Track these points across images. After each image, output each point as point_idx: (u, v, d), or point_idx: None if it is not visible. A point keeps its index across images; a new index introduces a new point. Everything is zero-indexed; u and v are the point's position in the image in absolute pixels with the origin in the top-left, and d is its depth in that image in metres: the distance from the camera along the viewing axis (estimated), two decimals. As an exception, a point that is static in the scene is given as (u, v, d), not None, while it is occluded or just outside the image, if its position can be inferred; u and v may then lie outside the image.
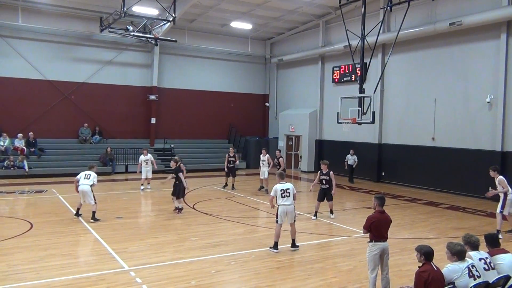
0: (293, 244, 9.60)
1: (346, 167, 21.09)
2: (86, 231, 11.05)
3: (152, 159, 18.29)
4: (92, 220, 11.88)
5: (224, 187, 18.51)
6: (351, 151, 21.09)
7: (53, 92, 23.28)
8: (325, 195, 12.93)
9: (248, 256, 9.19)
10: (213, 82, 27.94)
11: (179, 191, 13.28)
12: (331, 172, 12.81)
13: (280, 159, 17.57)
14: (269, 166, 17.79)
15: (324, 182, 12.88)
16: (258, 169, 18.40)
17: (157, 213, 13.78)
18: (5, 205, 14.55)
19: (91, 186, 12.05)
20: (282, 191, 9.40)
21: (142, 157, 18.00)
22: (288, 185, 9.53)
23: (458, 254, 5.69)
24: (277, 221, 9.47)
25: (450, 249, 5.75)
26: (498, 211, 11.28)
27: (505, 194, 11.21)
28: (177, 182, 13.30)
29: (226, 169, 18.47)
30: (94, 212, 12.06)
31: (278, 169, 16.42)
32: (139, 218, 12.96)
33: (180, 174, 13.30)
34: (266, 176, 17.76)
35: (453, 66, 18.19)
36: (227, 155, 18.45)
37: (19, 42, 22.37)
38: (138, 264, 8.44)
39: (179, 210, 13.28)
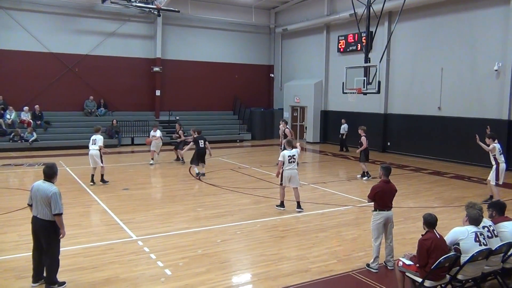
0: (298, 206, 10.40)
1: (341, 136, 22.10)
2: (94, 202, 11.23)
3: (160, 135, 17.55)
4: (101, 182, 13.11)
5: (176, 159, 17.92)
6: (342, 120, 21.80)
7: (57, 64, 23.20)
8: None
9: (253, 225, 9.32)
10: (217, 53, 27.66)
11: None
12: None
13: (286, 130, 16.79)
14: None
15: None
16: (264, 141, 18.29)
17: (163, 184, 13.93)
18: (14, 177, 14.76)
19: (99, 150, 13.01)
20: (290, 157, 10.23)
21: (152, 133, 17.75)
22: (294, 151, 10.40)
23: (472, 219, 5.78)
24: (281, 184, 10.38)
25: (468, 213, 5.85)
26: (493, 183, 11.27)
27: (497, 164, 11.21)
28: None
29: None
30: (102, 175, 13.23)
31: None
32: (146, 189, 13.11)
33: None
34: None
35: (460, 33, 17.86)
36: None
37: (20, 14, 22.14)
38: (146, 234, 8.60)
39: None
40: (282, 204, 10.57)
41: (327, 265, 7.17)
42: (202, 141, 14.58)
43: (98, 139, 13.07)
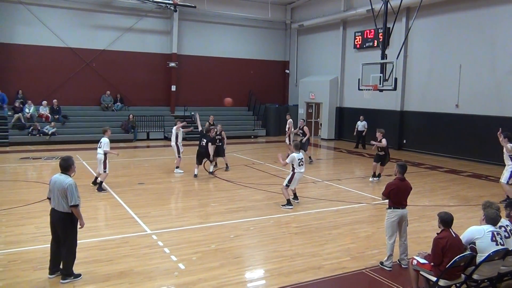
0: (296, 197, 10.83)
1: (355, 133, 21.81)
2: (110, 196, 11.36)
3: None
4: (97, 190, 11.65)
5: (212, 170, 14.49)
6: (361, 117, 21.58)
7: (74, 59, 23.49)
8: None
9: (267, 221, 9.34)
10: (233, 48, 27.67)
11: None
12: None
13: (305, 128, 16.79)
14: (286, 134, 18.01)
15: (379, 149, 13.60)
16: (278, 137, 18.30)
17: (178, 179, 14.00)
18: (33, 171, 15.04)
19: (104, 154, 11.61)
20: (299, 160, 10.38)
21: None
22: (301, 155, 10.54)
23: (489, 219, 5.71)
24: (288, 186, 10.42)
25: (485, 213, 5.78)
26: (504, 181, 11.04)
27: None
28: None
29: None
30: (101, 182, 11.78)
31: (302, 139, 16.11)
32: (161, 184, 13.20)
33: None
34: (288, 143, 17.91)
35: (480, 30, 17.53)
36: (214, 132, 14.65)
37: (40, 9, 22.45)
38: (160, 228, 8.69)
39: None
40: (289, 202, 10.43)
41: (340, 262, 7.15)
42: (205, 140, 13.74)
43: (104, 143, 11.67)
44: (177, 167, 14.67)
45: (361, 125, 21.54)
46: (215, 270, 6.72)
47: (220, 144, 14.81)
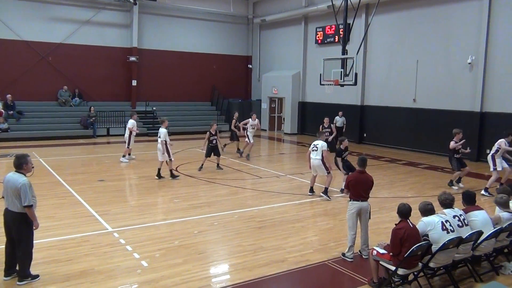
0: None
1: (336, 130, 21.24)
2: (69, 193, 11.04)
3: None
4: (171, 177, 12.75)
5: (200, 169, 14.32)
6: (339, 112, 20.92)
7: (29, 53, 22.56)
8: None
9: (231, 216, 9.34)
10: (194, 43, 27.37)
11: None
12: None
13: (332, 125, 17.46)
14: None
15: None
16: (242, 132, 18.08)
17: (139, 176, 13.78)
18: (-15, 169, 14.39)
19: (165, 143, 12.63)
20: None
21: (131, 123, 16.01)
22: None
23: (423, 211, 6.06)
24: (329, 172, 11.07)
25: (419, 208, 6.11)
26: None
27: None
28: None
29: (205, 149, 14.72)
30: (170, 170, 12.85)
31: (330, 135, 16.31)
32: (122, 181, 12.95)
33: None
34: (253, 141, 17.51)
35: (436, 26, 18.14)
36: (208, 133, 14.71)
37: (-9, 1, 21.45)
38: (122, 226, 8.52)
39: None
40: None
41: (303, 255, 7.25)
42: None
43: (161, 133, 12.78)
44: (123, 156, 15.77)
45: (340, 120, 20.56)
46: (179, 267, 6.67)
47: (216, 144, 14.56)
